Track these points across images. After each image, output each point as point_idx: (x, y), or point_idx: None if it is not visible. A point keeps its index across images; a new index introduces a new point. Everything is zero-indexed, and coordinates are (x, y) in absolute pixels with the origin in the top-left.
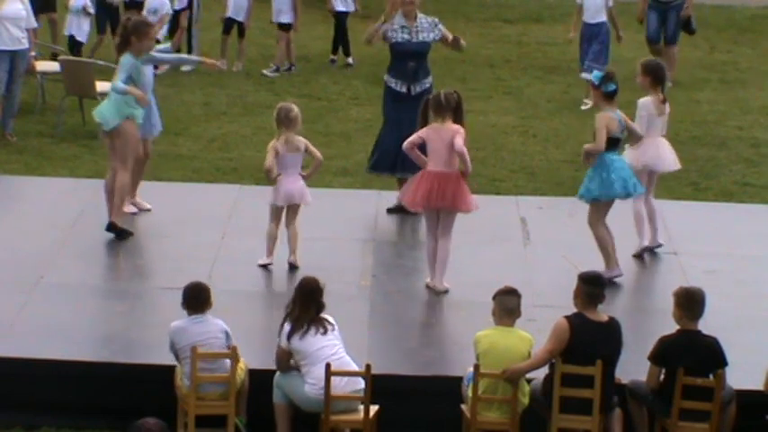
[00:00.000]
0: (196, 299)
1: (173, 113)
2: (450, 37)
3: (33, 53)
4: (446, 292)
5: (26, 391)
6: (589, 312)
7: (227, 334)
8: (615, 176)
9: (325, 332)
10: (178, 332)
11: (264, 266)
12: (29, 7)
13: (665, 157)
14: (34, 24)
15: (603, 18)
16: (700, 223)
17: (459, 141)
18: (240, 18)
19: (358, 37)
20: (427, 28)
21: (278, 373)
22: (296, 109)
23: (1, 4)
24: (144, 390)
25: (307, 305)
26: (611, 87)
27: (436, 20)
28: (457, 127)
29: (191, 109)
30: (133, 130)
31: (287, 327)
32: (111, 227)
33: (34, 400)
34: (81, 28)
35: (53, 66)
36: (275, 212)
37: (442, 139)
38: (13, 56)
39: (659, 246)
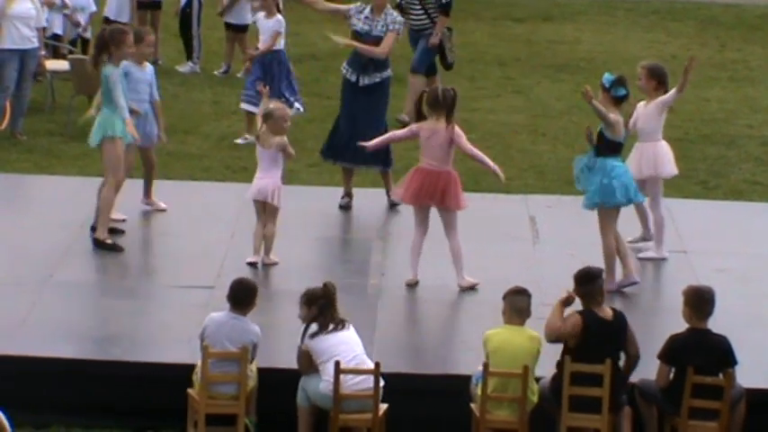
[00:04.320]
0: (239, 298)
1: (182, 112)
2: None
3: (43, 52)
4: (473, 287)
5: (36, 389)
6: (596, 309)
7: (254, 345)
8: (616, 183)
9: (342, 328)
10: (211, 324)
11: (251, 264)
12: (38, 6)
13: (673, 161)
14: (44, 23)
15: (279, 46)
16: (709, 222)
17: (467, 145)
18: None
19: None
20: (389, 23)
21: (303, 375)
22: (272, 109)
23: (11, 3)
24: (154, 388)
25: (325, 307)
26: (621, 92)
27: (401, 20)
28: (457, 130)
29: (200, 108)
30: (115, 148)
31: (313, 327)
32: (95, 242)
33: (44, 398)
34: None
35: (63, 65)
36: (255, 208)
37: (437, 137)
38: (23, 55)
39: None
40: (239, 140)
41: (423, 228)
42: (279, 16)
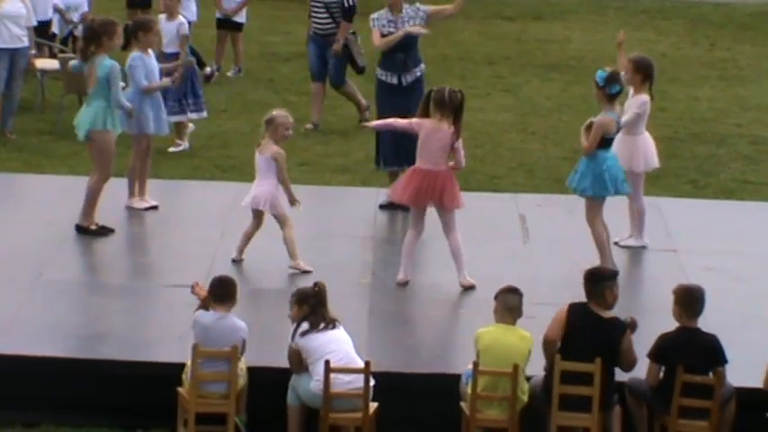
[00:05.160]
0: (222, 295)
1: None
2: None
3: (33, 51)
4: (473, 287)
5: (26, 388)
6: (595, 307)
7: (243, 342)
8: (608, 176)
9: (333, 327)
10: (197, 327)
11: (234, 261)
12: (29, 5)
13: (654, 152)
14: (34, 22)
15: (177, 49)
16: (699, 221)
17: (462, 158)
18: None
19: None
20: (412, 16)
21: (294, 374)
22: (275, 115)
23: (1, 3)
24: (144, 387)
25: (316, 306)
26: (616, 89)
27: (418, 4)
28: (459, 142)
29: None
30: (108, 142)
31: (304, 325)
32: (77, 228)
33: (34, 397)
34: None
35: (53, 64)
36: (252, 212)
37: (436, 138)
38: (13, 54)
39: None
40: (172, 149)
41: (418, 228)
42: (181, 18)
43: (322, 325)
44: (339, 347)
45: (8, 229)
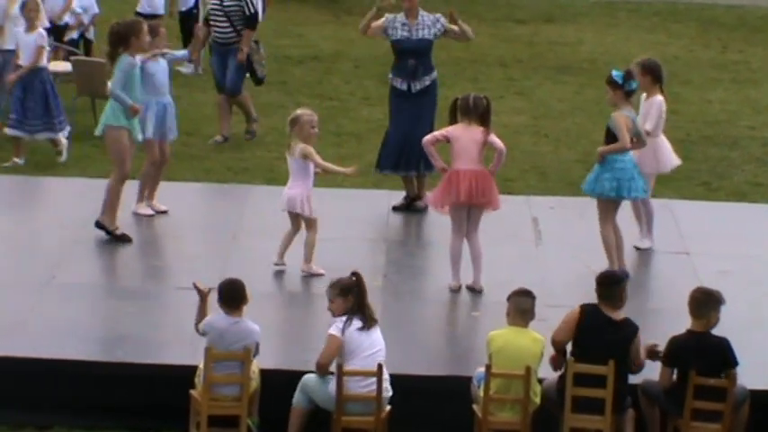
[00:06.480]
0: (233, 299)
1: (184, 113)
2: (456, 28)
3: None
4: (482, 290)
5: (39, 390)
6: (607, 309)
7: (257, 344)
8: (623, 178)
9: (370, 327)
10: (212, 332)
11: (276, 264)
12: (42, 7)
13: (671, 154)
14: (47, 24)
15: (43, 63)
16: (712, 223)
17: (498, 141)
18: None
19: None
20: (429, 25)
21: (305, 377)
22: (299, 114)
23: (13, 4)
24: (156, 389)
25: (360, 296)
26: (634, 85)
27: (438, 15)
28: (491, 135)
29: (202, 109)
30: (119, 138)
31: (357, 322)
32: (97, 224)
33: (46, 399)
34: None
35: (65, 66)
36: (289, 217)
37: (471, 137)
38: None
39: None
40: (7, 164)
41: (461, 232)
42: (41, 30)
43: (373, 323)
44: (375, 354)
45: (20, 231)
